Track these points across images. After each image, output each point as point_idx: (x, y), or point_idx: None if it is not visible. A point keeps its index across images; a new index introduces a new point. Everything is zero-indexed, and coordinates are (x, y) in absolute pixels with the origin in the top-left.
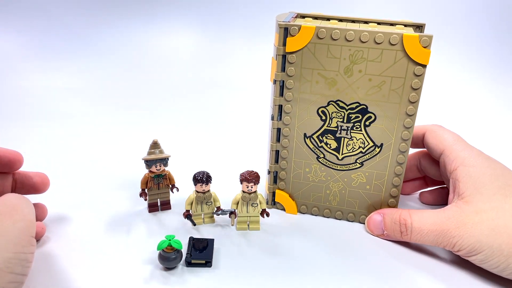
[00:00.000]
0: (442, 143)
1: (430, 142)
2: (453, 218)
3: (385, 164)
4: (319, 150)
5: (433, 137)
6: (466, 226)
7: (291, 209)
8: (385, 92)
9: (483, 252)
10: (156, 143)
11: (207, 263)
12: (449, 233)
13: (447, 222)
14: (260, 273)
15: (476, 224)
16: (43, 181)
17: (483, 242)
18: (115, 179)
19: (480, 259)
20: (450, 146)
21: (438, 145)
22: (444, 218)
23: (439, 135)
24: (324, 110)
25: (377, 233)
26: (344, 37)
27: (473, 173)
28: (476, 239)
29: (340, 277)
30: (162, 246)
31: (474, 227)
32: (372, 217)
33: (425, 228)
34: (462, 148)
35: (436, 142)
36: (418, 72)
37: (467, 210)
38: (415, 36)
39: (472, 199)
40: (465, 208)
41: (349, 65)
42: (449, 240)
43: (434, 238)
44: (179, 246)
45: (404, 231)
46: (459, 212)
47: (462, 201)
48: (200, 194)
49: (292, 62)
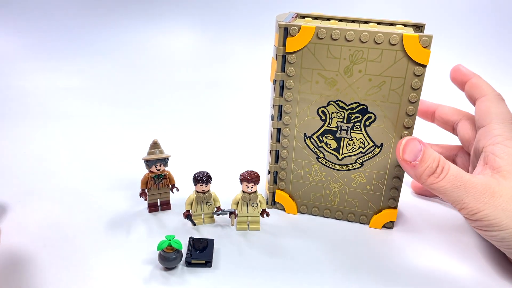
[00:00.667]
0: (491, 117)
1: (483, 108)
2: (489, 186)
3: (385, 164)
4: (319, 150)
5: (487, 107)
6: (502, 198)
7: (291, 209)
8: (385, 92)
9: (508, 230)
10: (156, 143)
11: (207, 263)
12: (482, 198)
13: (484, 186)
14: (260, 273)
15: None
16: None
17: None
18: (115, 179)
19: (502, 236)
20: (497, 123)
21: (486, 117)
22: (482, 181)
23: (496, 106)
24: (324, 110)
25: (408, 158)
26: (344, 37)
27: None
28: (507, 215)
29: (340, 278)
30: (162, 246)
31: (509, 202)
32: (412, 141)
33: (461, 180)
34: (509, 129)
35: (488, 112)
36: (418, 72)
37: (506, 184)
38: (415, 36)
39: (511, 175)
40: (503, 182)
41: (349, 65)
42: (476, 204)
43: (462, 195)
44: (179, 246)
45: (438, 173)
46: (496, 182)
47: (499, 175)
48: (200, 194)
49: (292, 62)
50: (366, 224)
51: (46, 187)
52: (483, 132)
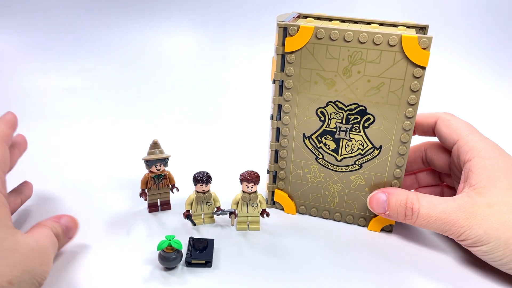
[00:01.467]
0: (456, 133)
1: (443, 131)
2: (463, 208)
3: (384, 166)
4: (318, 150)
5: (446, 126)
6: (477, 217)
7: (290, 209)
8: (384, 94)
9: (489, 244)
10: (156, 143)
11: (207, 263)
12: (458, 223)
13: (457, 211)
14: (260, 273)
15: (487, 217)
16: None
17: (491, 235)
18: (115, 179)
19: (484, 250)
20: (465, 136)
21: (452, 135)
22: (454, 207)
23: (452, 124)
24: (323, 110)
25: (378, 212)
26: (342, 37)
27: (488, 165)
28: (484, 231)
29: (339, 278)
30: (162, 246)
31: (484, 219)
32: (376, 195)
33: (433, 215)
34: (478, 139)
35: (450, 132)
36: (417, 74)
37: (479, 202)
38: (414, 37)
39: (485, 191)
40: (477, 199)
41: (348, 66)
42: (456, 229)
43: (440, 226)
44: (179, 246)
45: (410, 215)
46: (470, 202)
47: (474, 192)
48: (200, 194)
49: (291, 62)
50: (365, 226)
51: (46, 187)
52: (458, 148)
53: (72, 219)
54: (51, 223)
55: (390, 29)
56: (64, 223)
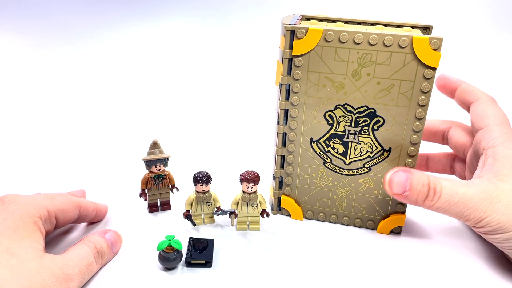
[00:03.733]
0: (488, 119)
1: (479, 111)
2: (487, 193)
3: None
4: (326, 155)
5: (483, 110)
6: (501, 203)
7: (297, 215)
8: (394, 96)
9: (511, 232)
10: (156, 143)
11: (207, 263)
12: (480, 207)
13: (481, 195)
14: (260, 273)
15: (511, 203)
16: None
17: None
18: (115, 179)
19: (505, 238)
20: (495, 125)
21: (483, 119)
22: (477, 190)
23: (489, 109)
24: (331, 114)
25: (396, 191)
26: (352, 39)
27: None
28: (508, 218)
29: (341, 280)
30: (162, 246)
31: (508, 205)
32: (397, 173)
33: (456, 198)
34: (508, 130)
35: (485, 115)
36: (428, 75)
37: (503, 188)
38: (425, 38)
39: (509, 178)
40: (500, 185)
41: (357, 68)
42: (477, 214)
43: (461, 210)
44: (179, 246)
45: (431, 196)
46: (493, 187)
47: (497, 178)
48: (200, 194)
49: (298, 66)
50: (373, 229)
51: (45, 187)
52: (482, 134)
53: (117, 235)
54: (96, 238)
55: (397, 30)
56: (109, 238)
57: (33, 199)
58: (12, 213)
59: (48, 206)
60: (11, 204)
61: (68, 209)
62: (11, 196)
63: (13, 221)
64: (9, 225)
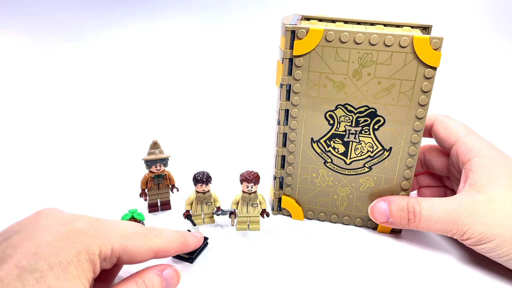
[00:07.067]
0: (454, 134)
1: (441, 133)
2: (464, 206)
3: (394, 168)
4: (327, 154)
5: (444, 128)
6: (479, 214)
7: (298, 215)
8: (395, 95)
9: (494, 240)
10: (156, 143)
11: (189, 259)
12: (460, 220)
13: (458, 209)
14: (260, 273)
15: (490, 212)
16: None
17: (496, 231)
18: (115, 179)
19: (490, 247)
20: (463, 137)
21: (450, 136)
22: (455, 205)
23: (450, 125)
24: (332, 114)
25: (381, 220)
26: (353, 39)
27: (488, 164)
28: (488, 228)
29: (342, 280)
30: (125, 218)
31: (487, 215)
32: (377, 204)
33: (435, 216)
34: (476, 140)
35: (448, 133)
36: (428, 75)
37: (480, 198)
38: (426, 38)
39: (486, 189)
40: (478, 197)
41: (358, 68)
42: (459, 228)
43: (444, 226)
44: (141, 218)
45: (412, 219)
46: (471, 200)
47: (474, 190)
48: (200, 194)
49: (299, 66)
50: (374, 229)
51: (45, 187)
52: (455, 150)
53: (176, 274)
54: (152, 277)
55: (397, 30)
56: (166, 276)
57: (103, 231)
58: (72, 244)
59: (114, 243)
60: (76, 235)
61: (139, 253)
62: (83, 221)
63: (68, 255)
64: (62, 259)
